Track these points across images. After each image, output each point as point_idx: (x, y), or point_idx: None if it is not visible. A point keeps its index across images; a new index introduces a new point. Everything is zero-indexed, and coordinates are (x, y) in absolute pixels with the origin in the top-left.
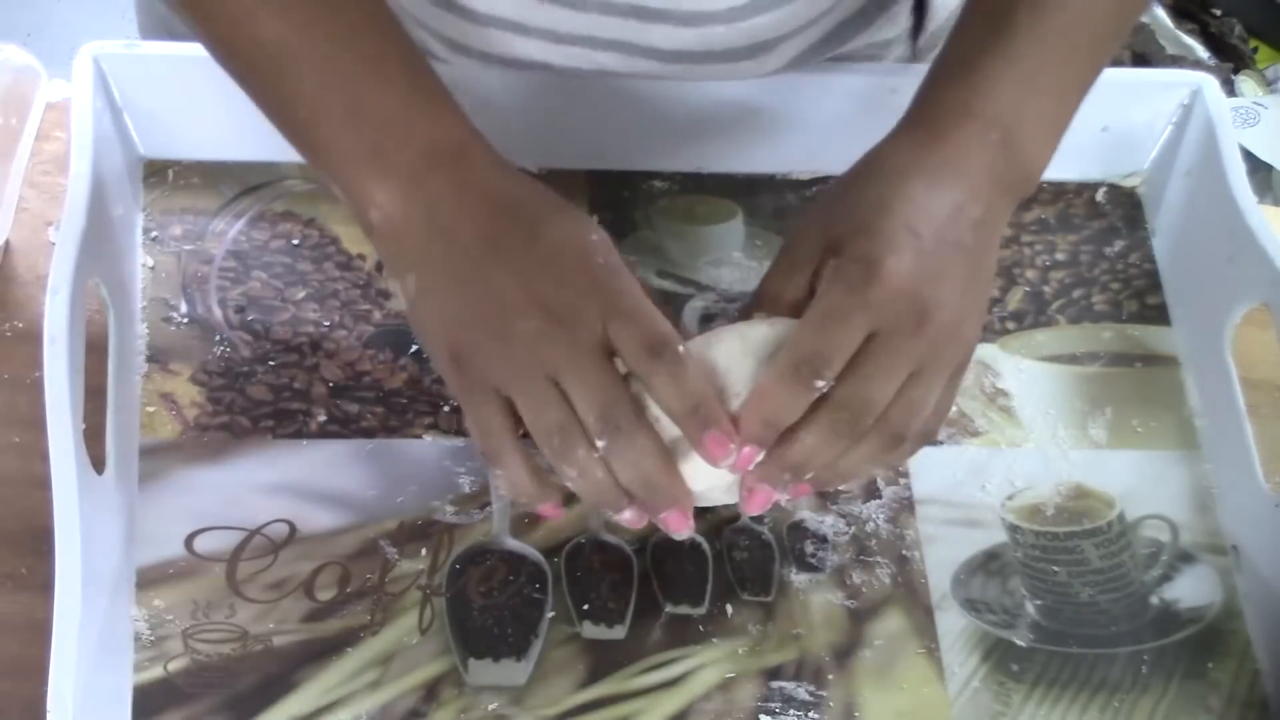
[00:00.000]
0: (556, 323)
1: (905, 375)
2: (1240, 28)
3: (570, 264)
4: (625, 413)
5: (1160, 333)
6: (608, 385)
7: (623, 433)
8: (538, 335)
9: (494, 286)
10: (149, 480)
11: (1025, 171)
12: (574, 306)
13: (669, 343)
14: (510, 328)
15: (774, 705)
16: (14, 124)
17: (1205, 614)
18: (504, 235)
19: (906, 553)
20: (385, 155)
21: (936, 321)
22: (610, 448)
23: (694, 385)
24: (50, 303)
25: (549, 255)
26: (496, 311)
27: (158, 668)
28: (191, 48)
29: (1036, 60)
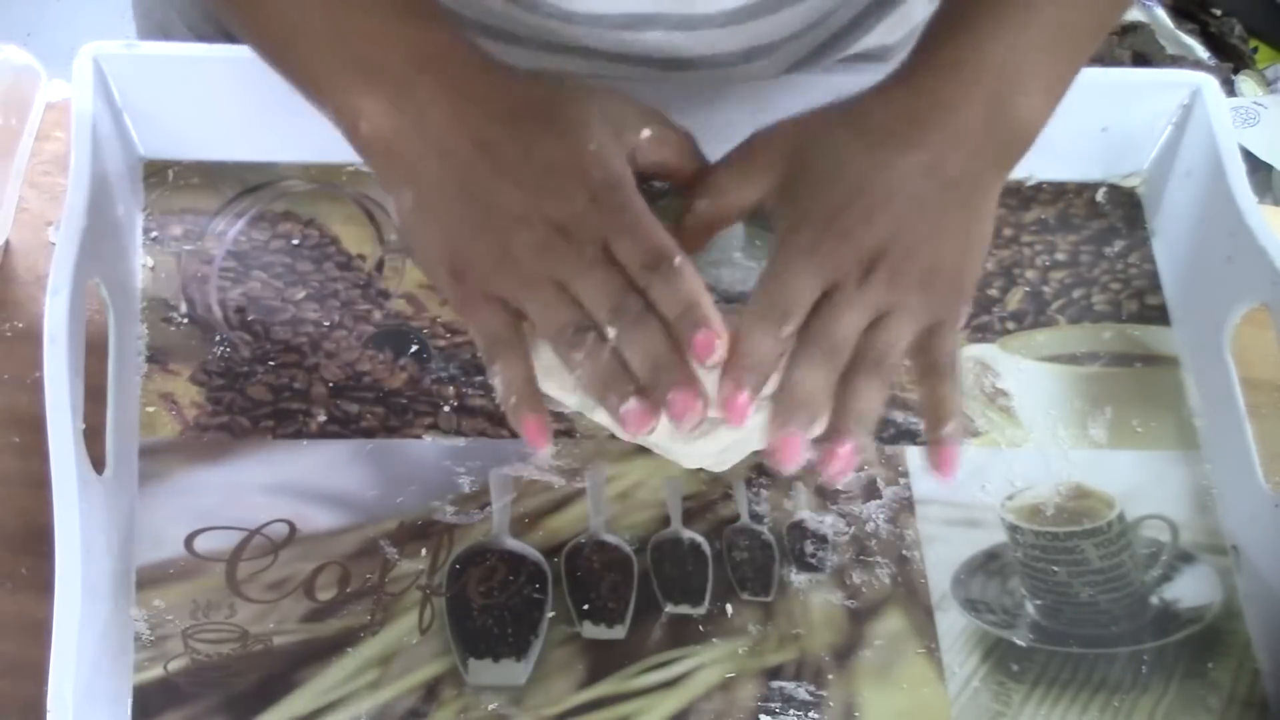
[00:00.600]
0: (560, 235)
1: (868, 318)
2: (1240, 28)
3: (570, 177)
4: (634, 303)
5: (1160, 333)
6: (615, 283)
7: (633, 318)
8: (543, 246)
9: (494, 199)
10: (149, 480)
11: (1018, 127)
12: (576, 220)
13: (667, 254)
14: (513, 239)
15: (774, 705)
16: (14, 124)
17: (1205, 614)
18: (501, 144)
19: (906, 553)
20: (370, 63)
21: (892, 273)
22: (621, 334)
23: (688, 291)
24: (50, 303)
25: (548, 167)
26: (498, 224)
27: (158, 668)
28: (191, 48)
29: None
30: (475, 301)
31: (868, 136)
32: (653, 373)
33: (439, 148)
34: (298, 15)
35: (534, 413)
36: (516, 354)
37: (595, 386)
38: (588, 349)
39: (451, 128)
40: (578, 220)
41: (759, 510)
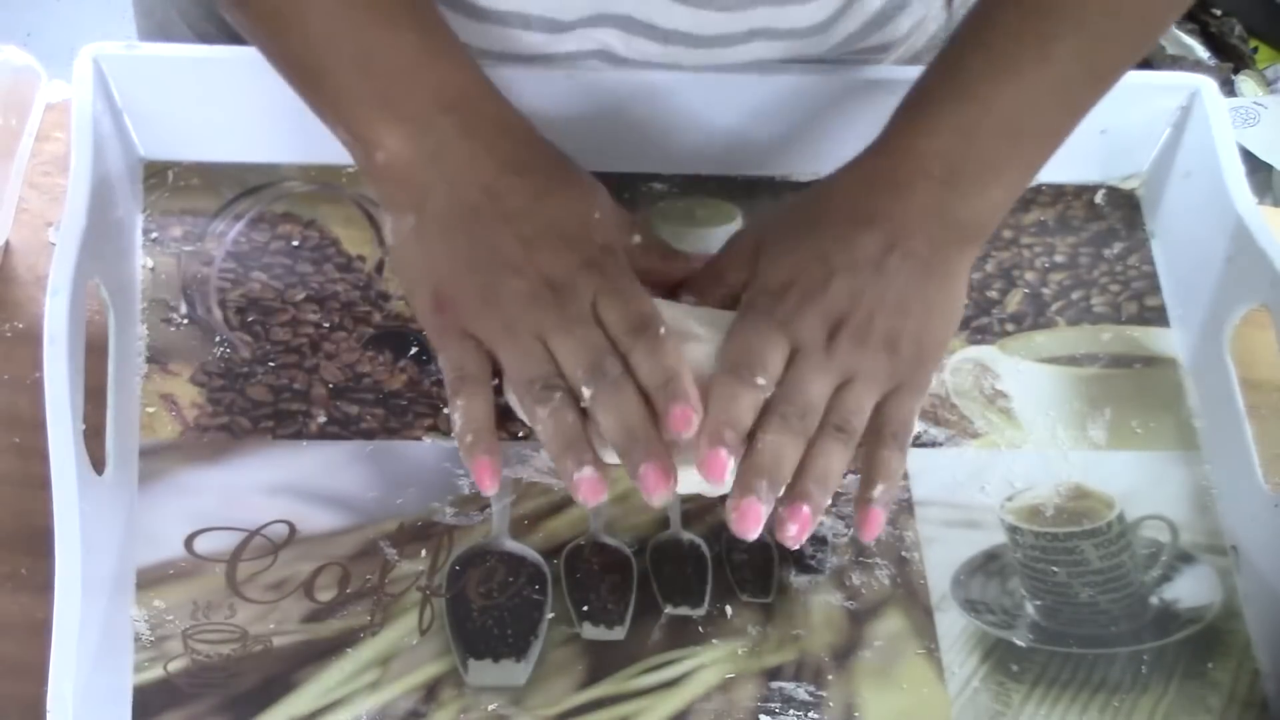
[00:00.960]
0: (550, 289)
1: (834, 382)
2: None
3: (571, 237)
4: (613, 366)
5: (1160, 334)
6: (597, 343)
7: (610, 380)
8: (531, 296)
9: (493, 242)
10: (149, 481)
11: (974, 212)
12: (568, 277)
13: (650, 323)
14: (504, 284)
15: (774, 706)
16: (14, 124)
17: (1205, 614)
18: (509, 193)
19: (906, 554)
20: (394, 101)
21: (854, 339)
22: (597, 395)
23: (670, 362)
24: (50, 303)
25: (550, 223)
26: (492, 266)
27: (158, 668)
28: (191, 49)
29: (986, 103)
30: (451, 334)
31: (826, 218)
32: (626, 439)
33: (450, 182)
34: (327, 44)
35: (487, 454)
36: (481, 393)
37: (554, 446)
38: (553, 407)
39: (465, 167)
40: (570, 278)
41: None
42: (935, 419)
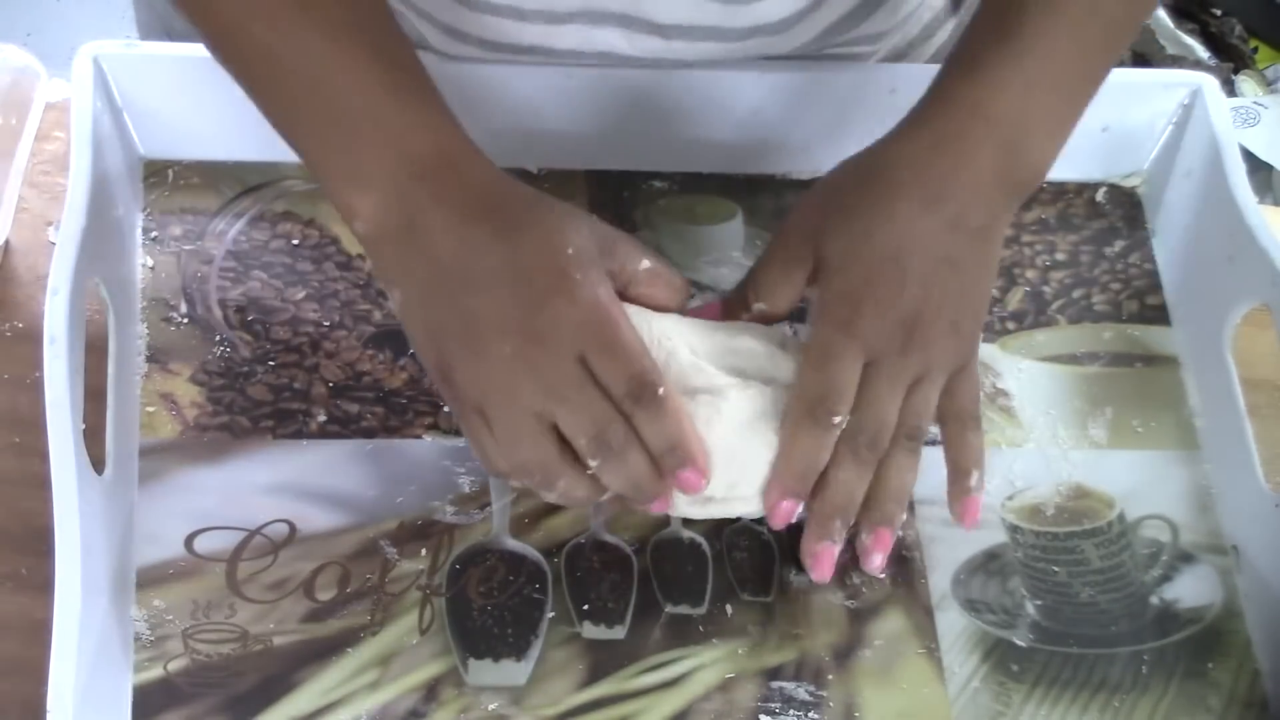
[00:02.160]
0: (535, 344)
1: (907, 386)
2: (1240, 28)
3: (546, 283)
4: (616, 435)
5: (1160, 333)
6: (596, 408)
7: (614, 452)
8: (515, 357)
9: (470, 305)
10: (149, 480)
11: (1032, 171)
12: (551, 330)
13: (649, 384)
14: (487, 349)
15: (774, 705)
16: (14, 124)
17: (1205, 614)
18: (479, 254)
19: (906, 553)
20: (364, 170)
21: (926, 335)
22: (604, 465)
23: (674, 428)
24: (50, 303)
25: (523, 274)
26: (476, 333)
27: (158, 668)
28: (191, 48)
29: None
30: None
31: (892, 194)
32: (635, 494)
33: (423, 254)
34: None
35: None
36: (565, 473)
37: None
38: (561, 493)
39: (435, 236)
40: (553, 331)
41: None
42: None
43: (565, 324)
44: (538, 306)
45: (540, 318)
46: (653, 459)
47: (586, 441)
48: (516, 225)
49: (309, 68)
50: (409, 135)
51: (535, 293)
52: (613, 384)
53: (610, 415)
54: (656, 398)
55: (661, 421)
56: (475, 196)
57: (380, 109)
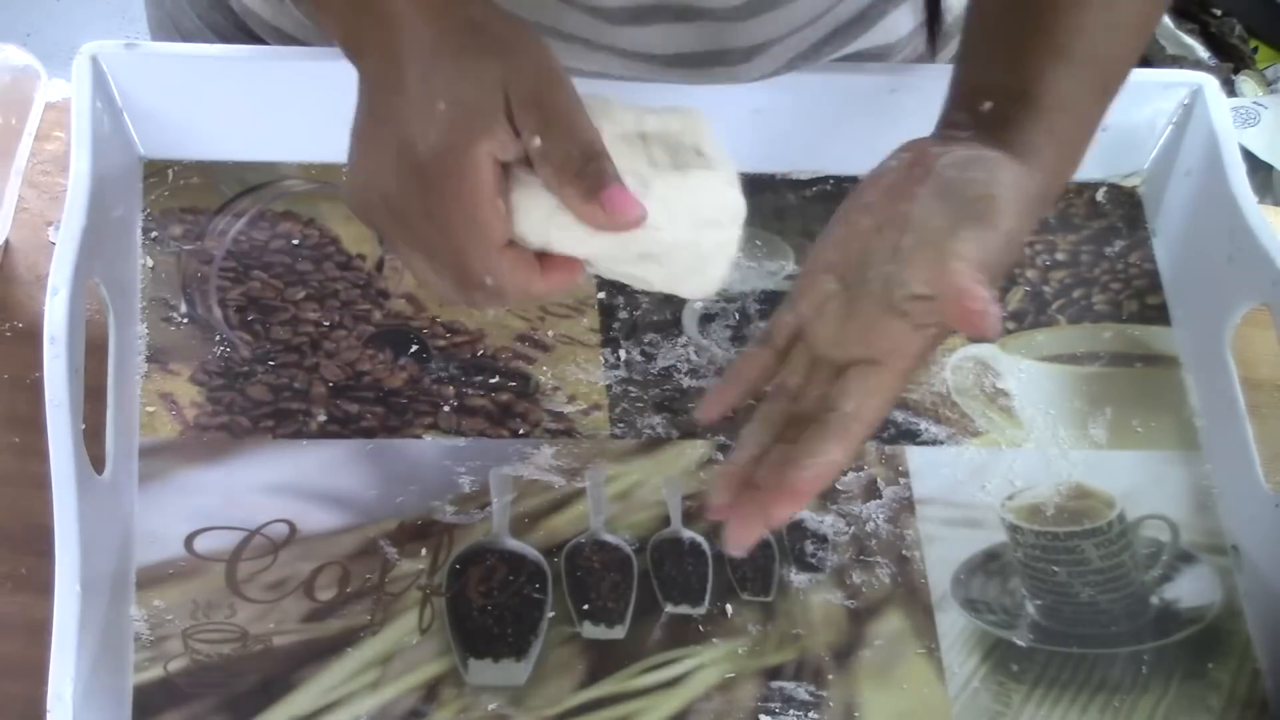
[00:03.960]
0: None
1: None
2: (1240, 28)
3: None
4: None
5: (1160, 333)
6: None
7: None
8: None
9: (364, 149)
10: (149, 480)
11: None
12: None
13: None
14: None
15: (774, 705)
16: (14, 124)
17: (1205, 614)
18: (376, 99)
19: (906, 553)
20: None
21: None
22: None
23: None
24: (50, 303)
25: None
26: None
27: (158, 668)
28: (191, 48)
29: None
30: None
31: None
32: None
33: (363, 75)
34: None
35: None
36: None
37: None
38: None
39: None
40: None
41: None
42: (936, 417)
43: (415, 188)
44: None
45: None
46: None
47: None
48: (419, 68)
49: None
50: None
51: (399, 149)
52: (448, 266)
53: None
54: (484, 288)
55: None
56: (411, 29)
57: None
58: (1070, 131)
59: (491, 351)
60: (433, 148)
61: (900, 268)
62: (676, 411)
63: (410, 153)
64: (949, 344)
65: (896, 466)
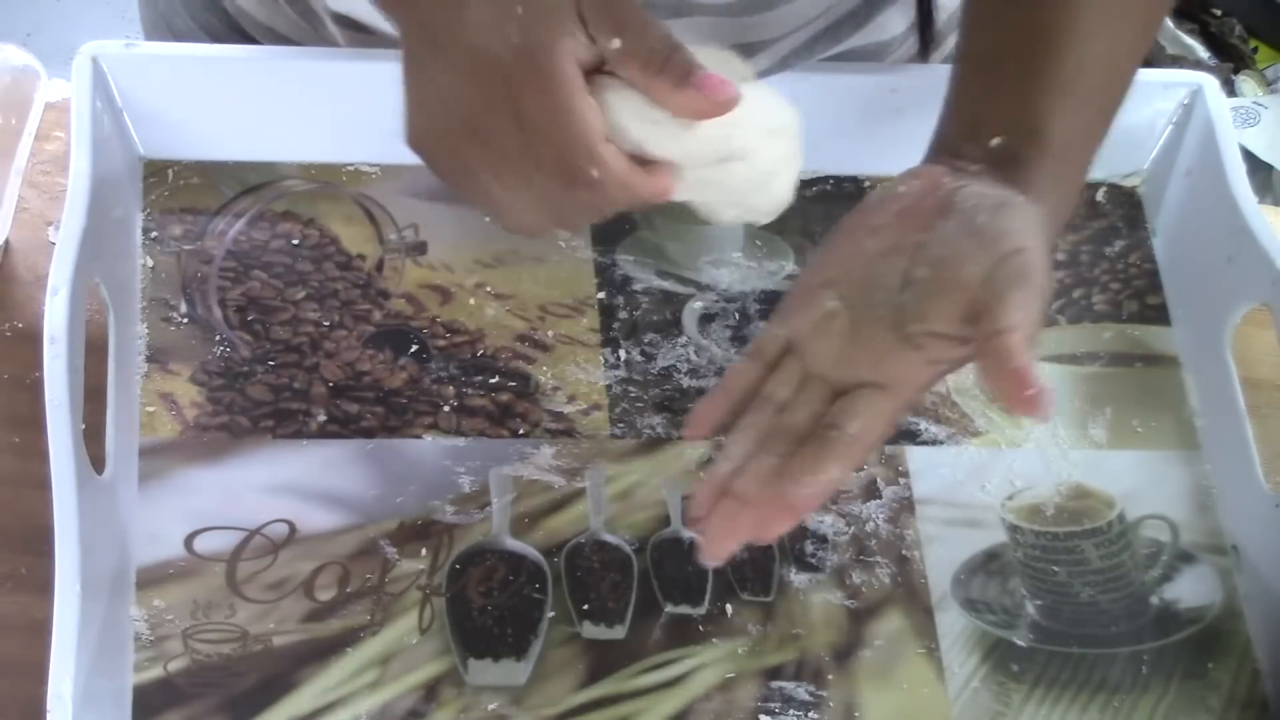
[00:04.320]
0: (478, 121)
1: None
2: (1240, 28)
3: (488, 60)
4: (569, 206)
5: (1160, 333)
6: (540, 187)
7: (576, 223)
8: (463, 130)
9: (429, 78)
10: (149, 480)
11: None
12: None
13: (580, 170)
14: (441, 121)
15: (774, 705)
16: (14, 124)
17: (1205, 614)
18: (440, 23)
19: (906, 553)
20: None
21: None
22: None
23: (616, 198)
24: (50, 303)
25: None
26: (432, 104)
27: (158, 668)
28: (191, 48)
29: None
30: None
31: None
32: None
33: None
34: None
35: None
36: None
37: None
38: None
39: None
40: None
41: None
42: (936, 417)
43: (500, 96)
44: (479, 75)
45: (480, 88)
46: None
47: (548, 216)
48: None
49: None
50: None
51: (478, 59)
52: (547, 167)
53: (557, 194)
54: (590, 180)
55: (604, 199)
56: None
57: None
58: (1075, 172)
59: (491, 351)
60: (517, 49)
61: (918, 301)
62: (676, 411)
63: (491, 62)
64: None
65: (896, 466)
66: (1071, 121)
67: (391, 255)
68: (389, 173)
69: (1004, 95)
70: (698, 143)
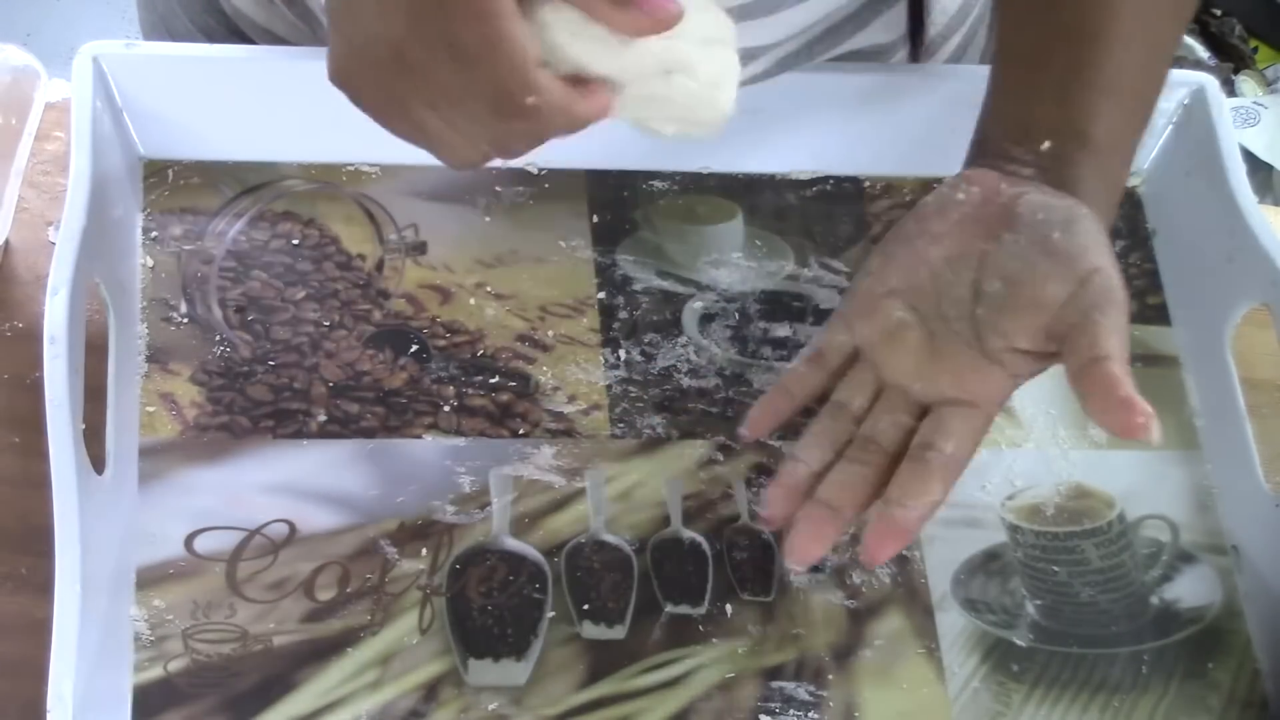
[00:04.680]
0: (407, 51)
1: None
2: (1240, 28)
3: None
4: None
5: (1160, 333)
6: (478, 116)
7: (517, 151)
8: (391, 61)
9: (355, 7)
10: (149, 480)
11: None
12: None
13: (518, 100)
14: (369, 51)
15: (774, 705)
16: (14, 124)
17: (1205, 614)
18: None
19: (906, 553)
20: None
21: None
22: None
23: (558, 124)
24: (50, 303)
25: None
26: (359, 35)
27: (158, 668)
28: (191, 48)
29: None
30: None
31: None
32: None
33: None
34: None
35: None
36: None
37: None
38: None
39: None
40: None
41: (759, 510)
42: None
43: (431, 23)
44: (409, 3)
45: (409, 16)
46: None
47: (487, 145)
48: None
49: None
50: None
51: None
52: (483, 98)
53: (495, 123)
54: (527, 109)
55: (543, 127)
56: None
57: None
58: (1119, 173)
59: (491, 351)
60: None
61: (997, 317)
62: (676, 411)
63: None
64: None
65: None
66: (1115, 122)
67: (391, 255)
68: (389, 173)
69: (1049, 96)
70: (637, 56)
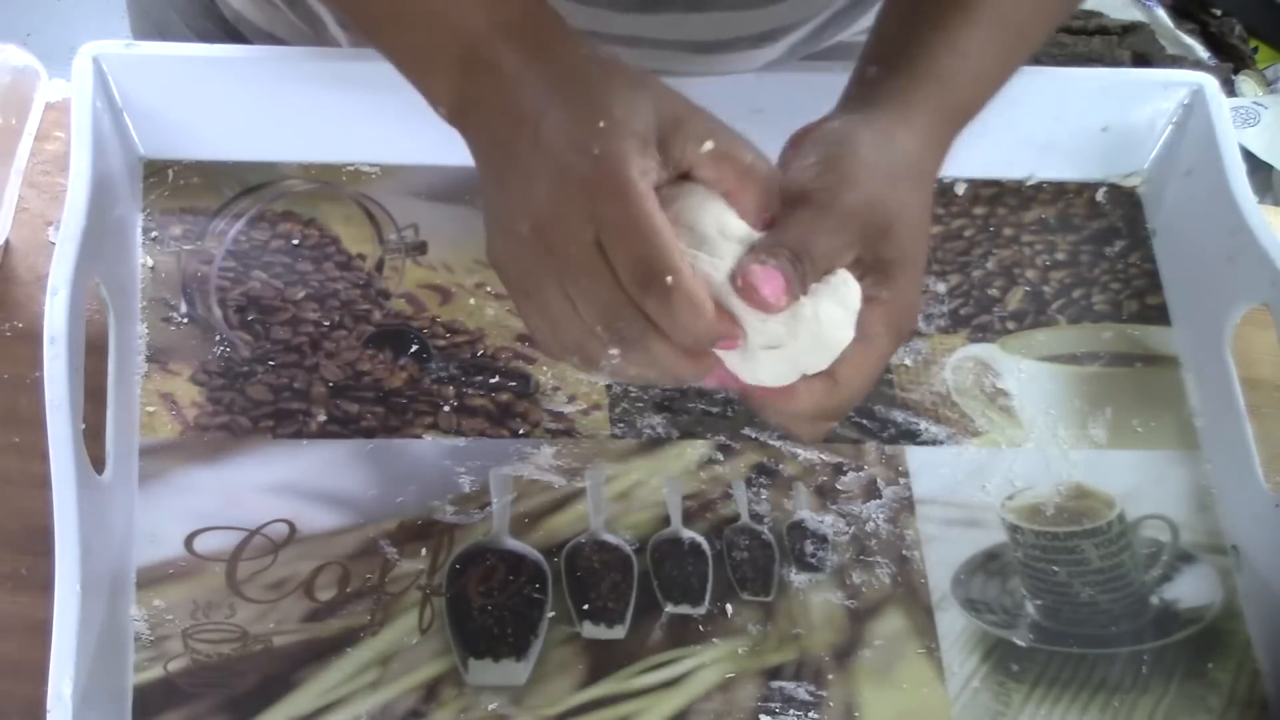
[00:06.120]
0: (551, 223)
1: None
2: (1240, 28)
3: (567, 159)
4: (628, 321)
5: (1160, 333)
6: (606, 296)
7: (629, 342)
8: (534, 237)
9: (504, 189)
10: (149, 480)
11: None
12: (563, 214)
13: (656, 275)
14: (512, 229)
15: (774, 705)
16: (14, 124)
17: (1205, 614)
18: (515, 137)
19: (906, 553)
20: (430, 58)
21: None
22: (626, 356)
23: (684, 315)
24: (50, 303)
25: (547, 159)
26: (506, 213)
27: (158, 668)
28: (191, 48)
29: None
30: (510, 291)
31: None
32: (668, 379)
33: (478, 140)
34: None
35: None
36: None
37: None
38: (610, 371)
39: (485, 122)
40: (564, 215)
41: (759, 510)
42: (936, 417)
43: (577, 202)
44: (555, 183)
45: (555, 202)
46: (675, 351)
47: (603, 330)
48: (548, 113)
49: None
50: (468, 16)
51: (554, 177)
52: (620, 270)
53: (619, 305)
54: (664, 288)
55: (672, 313)
56: (517, 84)
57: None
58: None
59: (491, 351)
60: (598, 159)
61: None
62: (676, 411)
63: (568, 170)
64: (949, 344)
65: (896, 466)
66: (958, 35)
67: (391, 255)
68: (389, 173)
69: (893, 34)
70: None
